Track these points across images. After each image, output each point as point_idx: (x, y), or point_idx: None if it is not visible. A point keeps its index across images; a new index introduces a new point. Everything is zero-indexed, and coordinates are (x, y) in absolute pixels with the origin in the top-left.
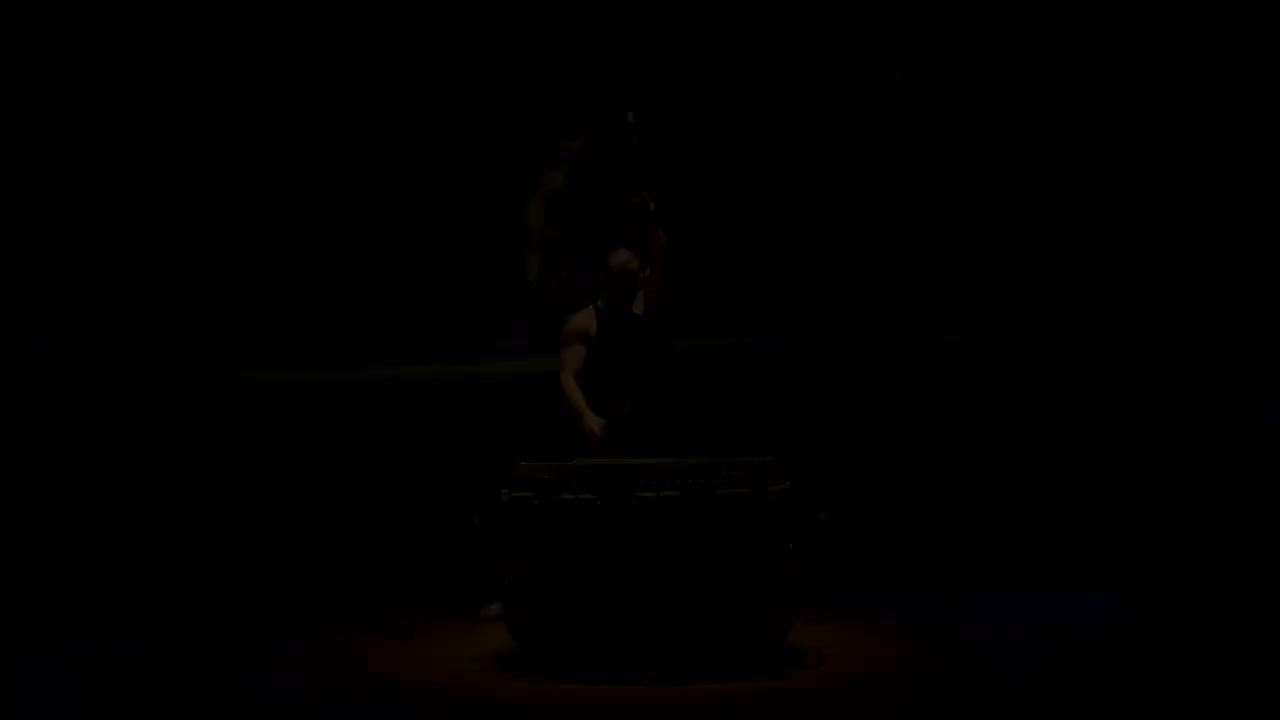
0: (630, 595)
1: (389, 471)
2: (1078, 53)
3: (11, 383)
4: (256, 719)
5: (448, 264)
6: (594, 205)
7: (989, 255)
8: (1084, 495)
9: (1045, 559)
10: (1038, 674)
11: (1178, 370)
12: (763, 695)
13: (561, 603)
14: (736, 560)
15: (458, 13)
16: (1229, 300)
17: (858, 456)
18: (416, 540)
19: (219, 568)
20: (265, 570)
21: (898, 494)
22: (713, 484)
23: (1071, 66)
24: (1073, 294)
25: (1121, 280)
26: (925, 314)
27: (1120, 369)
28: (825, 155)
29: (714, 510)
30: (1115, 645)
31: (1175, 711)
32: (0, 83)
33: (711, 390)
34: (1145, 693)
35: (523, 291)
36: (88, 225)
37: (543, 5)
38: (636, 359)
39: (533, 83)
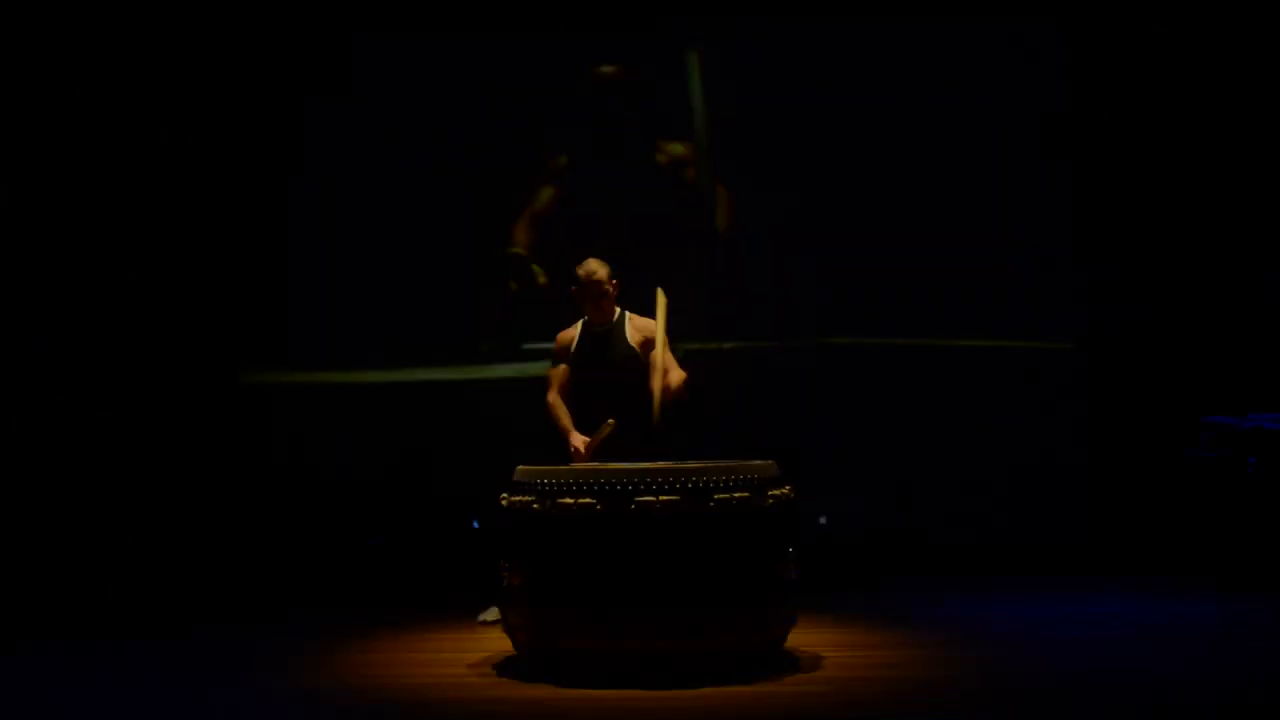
0: (629, 600)
1: (387, 474)
2: None
3: (11, 383)
4: None
5: (449, 267)
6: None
7: None
8: None
9: None
10: (1038, 676)
11: None
12: (762, 699)
13: (560, 607)
14: (735, 564)
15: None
16: None
17: None
18: (415, 544)
19: (218, 568)
20: (264, 572)
21: None
22: (711, 488)
23: None
24: None
25: None
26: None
27: None
28: None
29: (713, 514)
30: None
31: None
32: (0, 83)
33: None
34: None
35: (514, 301)
36: (88, 225)
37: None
38: (610, 370)
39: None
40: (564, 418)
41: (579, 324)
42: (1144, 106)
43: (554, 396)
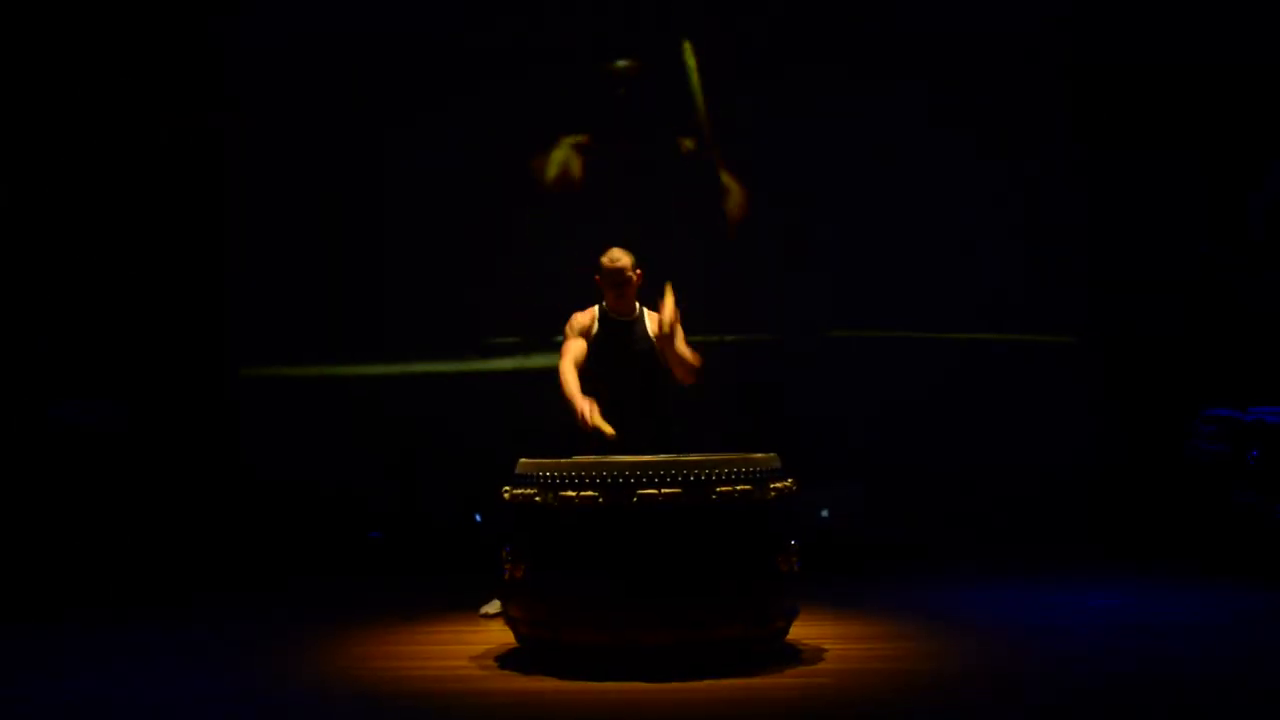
0: (631, 592)
1: (388, 467)
2: None
3: (12, 382)
4: (257, 714)
5: (450, 262)
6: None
7: None
8: None
9: None
10: (1037, 670)
11: None
12: (764, 691)
13: (562, 600)
14: (737, 557)
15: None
16: None
17: None
18: (415, 537)
19: (215, 560)
20: (263, 563)
21: None
22: (713, 481)
23: None
24: None
25: None
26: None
27: None
28: None
29: (714, 507)
30: None
31: None
32: (1, 83)
33: None
34: None
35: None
36: (87, 225)
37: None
38: (628, 362)
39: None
40: (573, 384)
41: (593, 310)
42: None
43: (567, 365)
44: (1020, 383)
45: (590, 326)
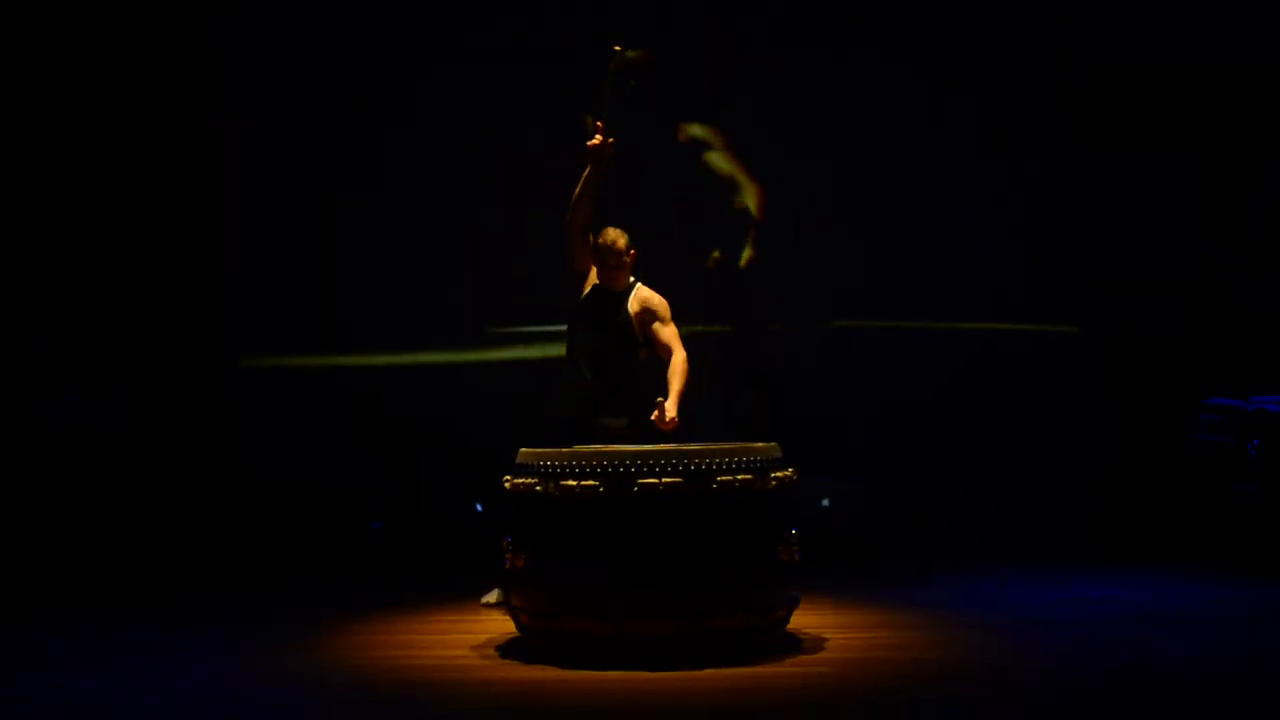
0: (632, 581)
1: (389, 466)
2: None
3: (11, 382)
4: (257, 707)
5: (450, 262)
6: None
7: None
8: None
9: None
10: (1039, 663)
11: None
12: (765, 680)
13: (563, 589)
14: (738, 546)
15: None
16: None
17: None
18: (417, 526)
19: (218, 549)
20: (265, 554)
21: None
22: (714, 471)
23: None
24: None
25: None
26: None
27: None
28: None
29: (715, 497)
30: None
31: None
32: (1, 83)
33: None
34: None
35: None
36: (88, 225)
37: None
38: (603, 331)
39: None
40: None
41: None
42: None
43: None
44: (1020, 383)
45: (591, 274)
